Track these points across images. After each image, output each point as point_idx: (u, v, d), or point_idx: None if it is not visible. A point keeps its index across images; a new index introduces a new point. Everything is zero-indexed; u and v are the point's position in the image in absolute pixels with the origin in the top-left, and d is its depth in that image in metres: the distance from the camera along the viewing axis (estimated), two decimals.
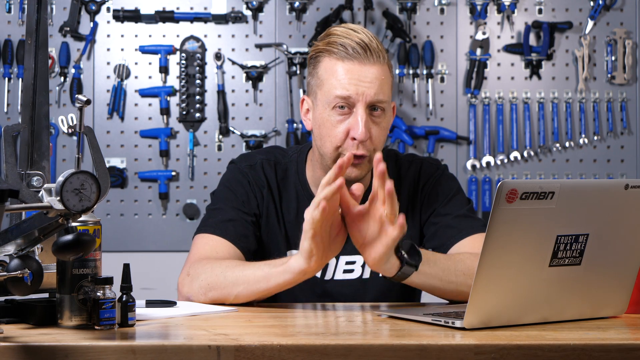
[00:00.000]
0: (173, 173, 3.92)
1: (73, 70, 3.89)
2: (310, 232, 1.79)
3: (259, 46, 3.95)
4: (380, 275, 1.92)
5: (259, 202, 2.20)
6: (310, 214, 1.78)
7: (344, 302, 2.11)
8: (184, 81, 3.92)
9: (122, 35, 3.94)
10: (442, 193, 2.22)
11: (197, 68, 3.93)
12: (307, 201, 2.21)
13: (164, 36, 3.95)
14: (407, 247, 1.86)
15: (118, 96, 3.90)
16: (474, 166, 3.97)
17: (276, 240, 2.20)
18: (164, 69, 3.92)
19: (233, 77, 3.95)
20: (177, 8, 3.94)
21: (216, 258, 2.06)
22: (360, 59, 2.06)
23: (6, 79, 3.88)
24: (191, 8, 3.95)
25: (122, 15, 3.91)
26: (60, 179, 1.50)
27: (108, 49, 3.94)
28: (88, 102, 1.54)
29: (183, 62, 3.92)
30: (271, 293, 1.94)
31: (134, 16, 3.92)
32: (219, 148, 3.95)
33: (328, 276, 2.18)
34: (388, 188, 1.77)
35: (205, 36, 3.95)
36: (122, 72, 3.92)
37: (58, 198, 1.50)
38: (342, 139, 2.09)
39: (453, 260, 1.99)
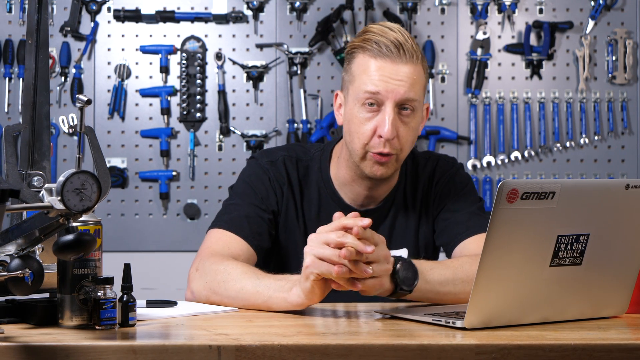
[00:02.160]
0: (174, 173, 3.91)
1: (74, 70, 3.89)
2: (313, 276, 1.77)
3: (260, 46, 3.95)
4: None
5: (278, 199, 2.19)
6: (319, 268, 1.76)
7: (352, 298, 2.10)
8: (184, 81, 3.92)
9: (122, 35, 3.94)
10: (454, 189, 2.23)
11: (198, 68, 3.93)
12: (330, 200, 2.21)
13: (164, 36, 3.94)
14: (403, 268, 1.84)
15: (119, 96, 3.90)
16: (474, 166, 3.97)
17: (294, 238, 2.20)
18: (165, 69, 3.92)
19: (234, 77, 3.95)
20: (178, 8, 3.94)
21: (227, 255, 2.04)
22: (393, 57, 2.06)
23: (7, 78, 3.88)
24: (192, 8, 3.95)
25: (122, 15, 3.91)
26: (61, 178, 1.50)
27: (109, 49, 3.94)
28: (89, 102, 1.54)
29: (184, 62, 3.92)
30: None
31: (134, 16, 3.92)
32: (220, 148, 3.95)
33: None
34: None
35: (206, 36, 3.95)
36: (123, 72, 3.92)
37: (59, 198, 1.50)
38: (369, 137, 2.09)
39: (452, 268, 1.95)
